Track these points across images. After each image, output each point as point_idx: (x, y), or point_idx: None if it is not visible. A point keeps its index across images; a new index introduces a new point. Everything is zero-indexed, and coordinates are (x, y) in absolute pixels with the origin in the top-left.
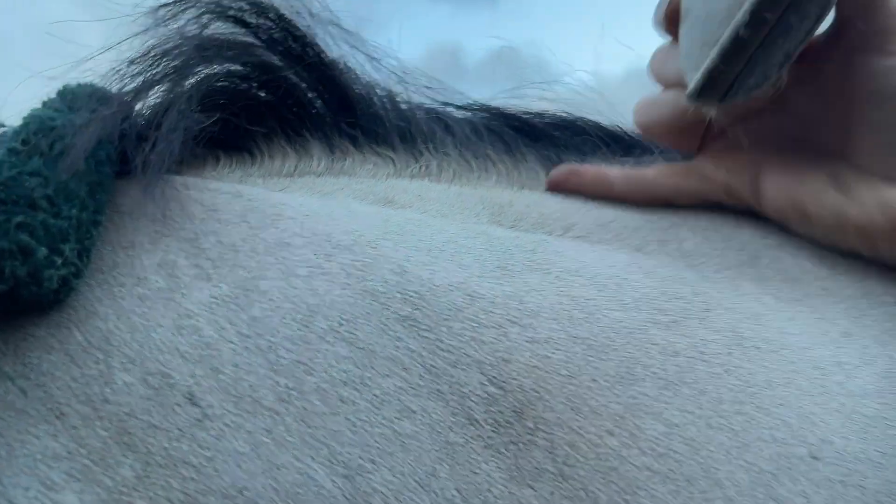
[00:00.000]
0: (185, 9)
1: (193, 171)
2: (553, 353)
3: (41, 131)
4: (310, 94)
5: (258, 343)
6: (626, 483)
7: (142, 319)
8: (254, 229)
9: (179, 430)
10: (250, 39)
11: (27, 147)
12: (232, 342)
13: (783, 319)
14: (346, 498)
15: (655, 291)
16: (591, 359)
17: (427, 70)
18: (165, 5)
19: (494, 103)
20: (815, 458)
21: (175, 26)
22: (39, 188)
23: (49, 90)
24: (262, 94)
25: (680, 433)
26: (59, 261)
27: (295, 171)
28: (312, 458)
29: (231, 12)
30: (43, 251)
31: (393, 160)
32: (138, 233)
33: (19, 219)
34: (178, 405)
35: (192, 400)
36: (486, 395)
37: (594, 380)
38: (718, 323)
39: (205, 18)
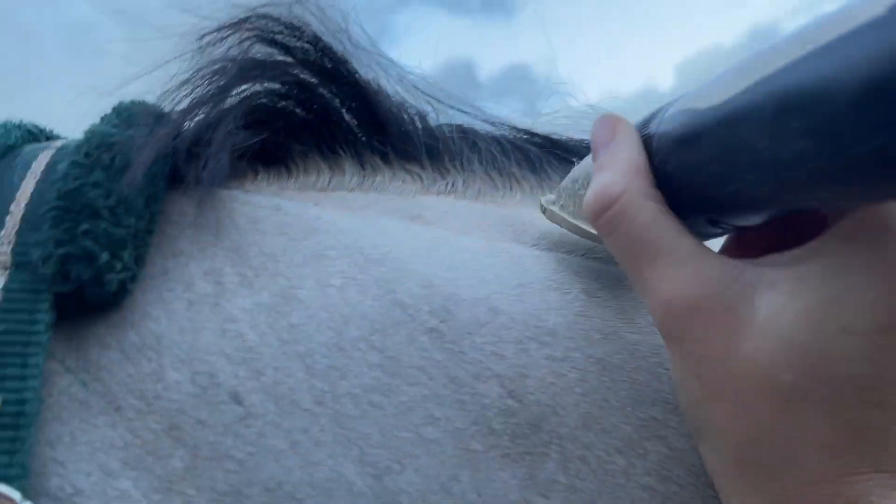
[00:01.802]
0: (229, 34)
1: (235, 183)
2: (569, 371)
3: (102, 146)
4: (344, 113)
5: (296, 348)
6: (630, 501)
7: (190, 323)
8: (292, 241)
9: (224, 426)
10: (289, 59)
11: (89, 160)
12: (272, 346)
13: None
14: (374, 496)
15: None
16: (604, 379)
17: (442, 84)
18: (211, 32)
19: (520, 122)
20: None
21: (220, 49)
22: (101, 199)
23: (96, 104)
24: (299, 112)
25: (679, 457)
26: (119, 265)
27: (328, 185)
28: (345, 457)
29: (270, 35)
30: (105, 256)
31: (421, 177)
32: (188, 242)
33: (85, 227)
34: (224, 403)
35: (236, 399)
36: (504, 407)
37: (606, 400)
38: None
39: (246, 42)
